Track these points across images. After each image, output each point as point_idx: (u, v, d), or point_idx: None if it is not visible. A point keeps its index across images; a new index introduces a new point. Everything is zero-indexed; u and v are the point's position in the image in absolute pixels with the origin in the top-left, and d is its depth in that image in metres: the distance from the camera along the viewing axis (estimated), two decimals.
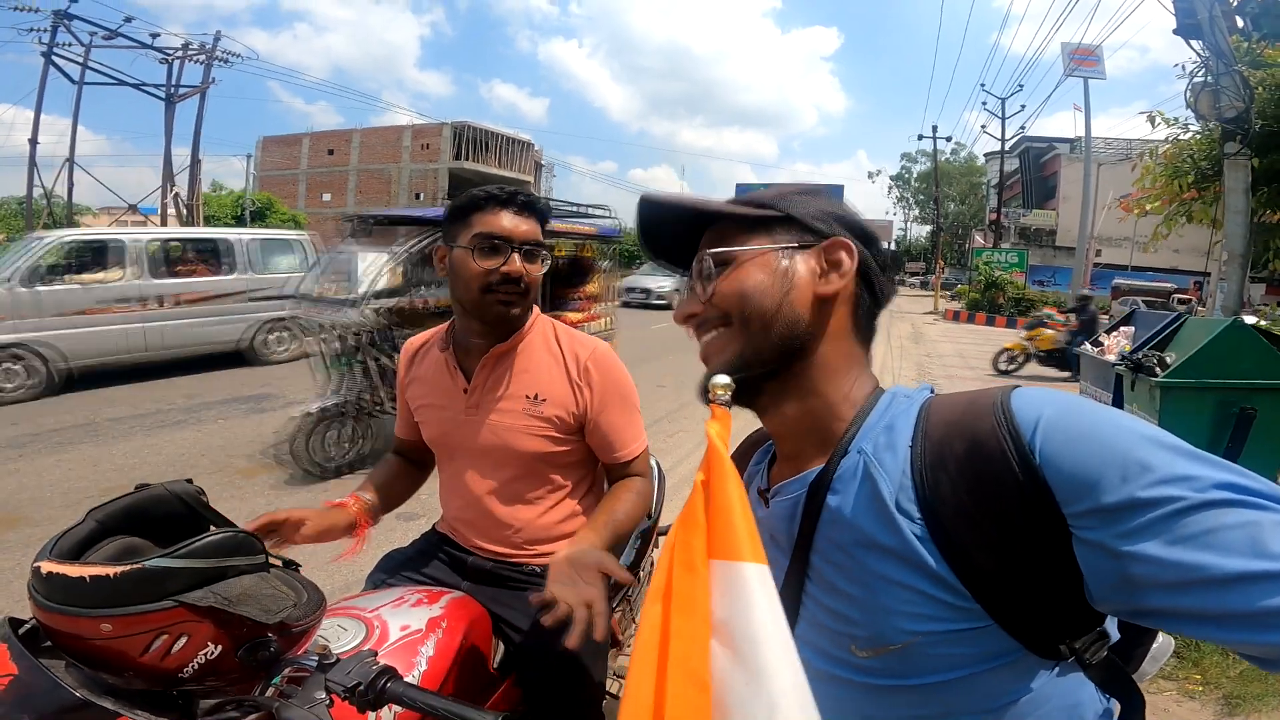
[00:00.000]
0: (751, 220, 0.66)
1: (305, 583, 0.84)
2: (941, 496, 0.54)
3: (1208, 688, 2.28)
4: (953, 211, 50.75)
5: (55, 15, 14.44)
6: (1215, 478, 0.45)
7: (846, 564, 0.59)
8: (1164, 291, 21.38)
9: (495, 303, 1.18)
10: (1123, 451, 0.47)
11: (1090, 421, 0.49)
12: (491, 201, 1.18)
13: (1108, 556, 0.46)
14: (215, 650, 0.70)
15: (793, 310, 0.63)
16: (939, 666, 0.55)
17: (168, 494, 0.81)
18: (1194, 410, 3.07)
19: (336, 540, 1.20)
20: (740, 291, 0.63)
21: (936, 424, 0.57)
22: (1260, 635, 0.42)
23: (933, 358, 11.50)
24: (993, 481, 0.51)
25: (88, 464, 4.38)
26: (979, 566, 0.52)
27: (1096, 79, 19.57)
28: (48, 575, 0.66)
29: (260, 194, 21.32)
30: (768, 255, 0.64)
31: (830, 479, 0.61)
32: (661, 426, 5.68)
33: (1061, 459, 0.48)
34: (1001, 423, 0.52)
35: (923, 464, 0.56)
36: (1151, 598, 0.45)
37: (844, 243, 0.64)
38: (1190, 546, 0.43)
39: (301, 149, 38.93)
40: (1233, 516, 0.43)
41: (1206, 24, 4.42)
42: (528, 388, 1.24)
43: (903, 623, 0.55)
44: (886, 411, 0.62)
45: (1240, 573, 0.42)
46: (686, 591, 0.49)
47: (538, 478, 1.28)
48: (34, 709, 0.62)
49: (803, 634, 0.63)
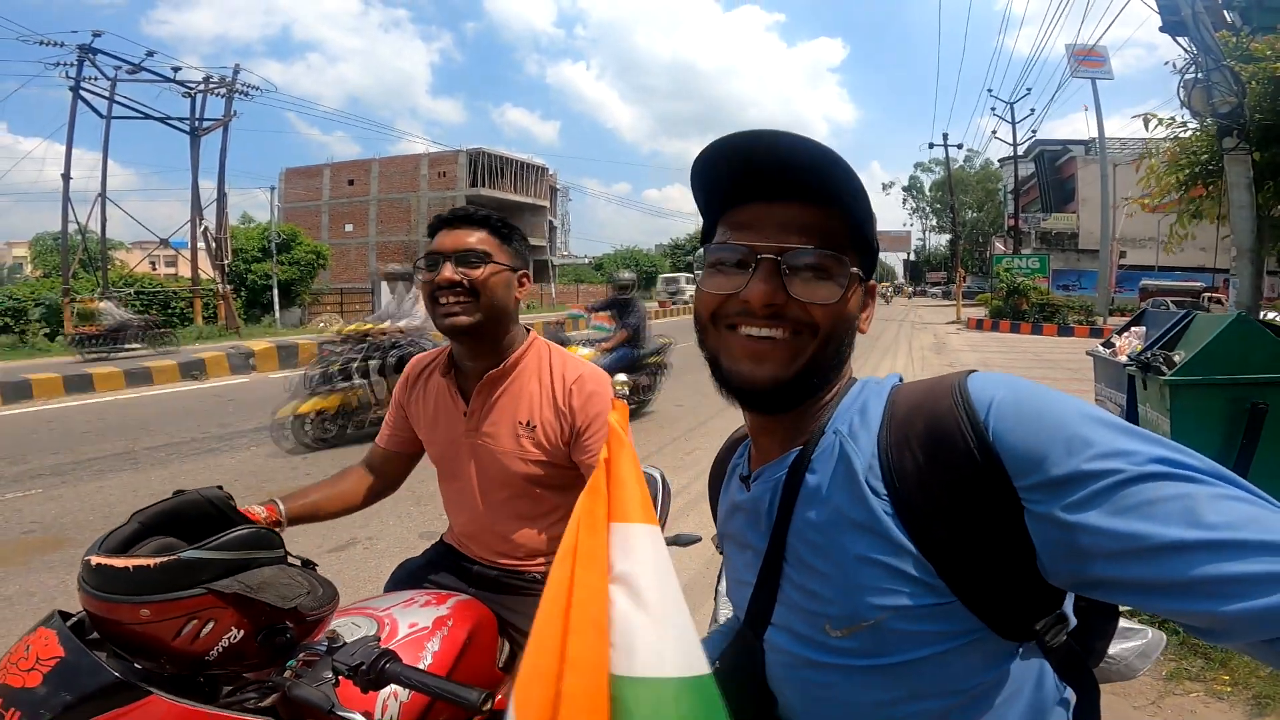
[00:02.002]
0: (854, 230, 0.63)
1: (320, 579, 0.93)
2: (905, 473, 0.57)
3: (1236, 688, 2.25)
4: (970, 219, 50.24)
5: (80, 49, 14.76)
6: (1151, 452, 0.47)
7: (821, 542, 0.61)
8: (1194, 291, 20.84)
9: (441, 314, 1.24)
10: (1067, 428, 0.50)
11: (1039, 402, 0.53)
12: (438, 223, 1.29)
13: (1055, 527, 0.49)
14: (238, 635, 0.79)
15: (850, 339, 0.66)
16: (907, 645, 0.57)
17: (200, 498, 0.92)
18: (1205, 408, 3.04)
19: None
20: (844, 319, 0.64)
21: (901, 406, 0.61)
22: (1196, 603, 0.44)
23: (955, 367, 11.31)
24: (951, 457, 0.54)
25: (127, 490, 4.57)
26: (940, 540, 0.55)
27: (1104, 79, 19.39)
28: (97, 567, 0.75)
29: (285, 226, 21.82)
30: (856, 282, 0.64)
31: (809, 459, 0.63)
32: (678, 444, 5.73)
33: (1013, 436, 0.52)
34: (959, 403, 0.55)
35: (889, 443, 0.59)
36: (1097, 567, 0.48)
37: (875, 287, 0.69)
38: (1130, 516, 0.46)
39: (323, 180, 39.88)
40: (1169, 489, 0.45)
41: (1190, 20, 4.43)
42: (519, 414, 1.30)
43: (873, 598, 0.57)
44: (859, 396, 0.65)
45: (1176, 541, 0.44)
46: (589, 549, 0.57)
47: (533, 498, 1.33)
48: (76, 688, 0.72)
49: (779, 618, 0.66)
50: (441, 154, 37.53)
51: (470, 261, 1.24)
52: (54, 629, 0.77)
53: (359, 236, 38.32)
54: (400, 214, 37.64)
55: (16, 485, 4.64)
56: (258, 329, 17.17)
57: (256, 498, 1.19)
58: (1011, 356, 13.09)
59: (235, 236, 18.67)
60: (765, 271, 0.61)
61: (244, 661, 0.83)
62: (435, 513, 4.04)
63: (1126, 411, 3.66)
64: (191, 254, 16.83)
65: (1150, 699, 2.24)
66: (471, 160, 36.56)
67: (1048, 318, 19.46)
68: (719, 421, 6.37)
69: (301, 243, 20.95)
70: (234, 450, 5.64)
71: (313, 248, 21.52)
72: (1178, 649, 2.45)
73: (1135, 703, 2.22)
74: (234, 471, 5.02)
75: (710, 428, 6.23)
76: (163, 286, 18.27)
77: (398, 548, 3.57)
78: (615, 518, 0.59)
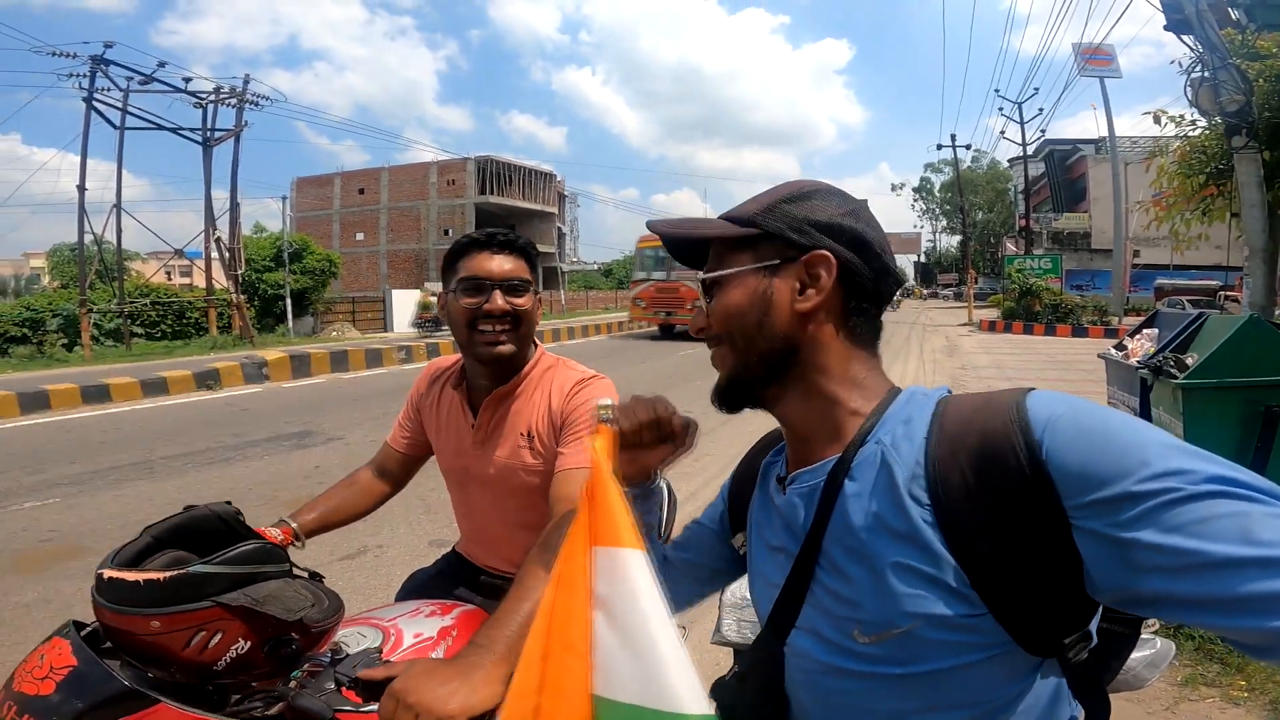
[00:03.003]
0: (738, 239, 0.69)
1: (326, 591, 0.95)
2: (951, 485, 0.57)
3: (1253, 694, 2.23)
4: (981, 220, 49.96)
5: (93, 61, 14.84)
6: (1208, 471, 0.47)
7: (857, 548, 0.61)
8: (1210, 290, 20.60)
9: (483, 342, 1.25)
10: (1122, 448, 0.50)
11: (1095, 422, 0.53)
12: (472, 245, 1.28)
13: (1107, 544, 0.49)
14: (245, 646, 0.81)
15: (772, 329, 0.66)
16: (934, 654, 0.58)
17: (210, 513, 0.94)
18: (1218, 411, 3.00)
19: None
20: (725, 314, 0.69)
21: (952, 418, 0.60)
22: (1248, 620, 0.44)
23: (968, 370, 11.25)
24: (1000, 473, 0.54)
25: (144, 499, 4.63)
26: (979, 553, 0.55)
27: (1112, 78, 19.22)
28: (109, 580, 0.78)
29: (296, 235, 22.03)
30: (748, 276, 0.68)
31: (849, 467, 0.64)
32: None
33: (1066, 455, 0.52)
34: (1014, 420, 0.55)
35: (936, 454, 0.59)
36: (1148, 583, 0.48)
37: (822, 256, 0.65)
38: (1183, 534, 0.46)
39: (334, 189, 40.27)
40: (1224, 507, 0.45)
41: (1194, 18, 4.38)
42: (523, 426, 1.31)
43: (907, 605, 0.57)
44: (906, 407, 0.65)
45: (1229, 558, 0.44)
46: (569, 574, 0.59)
47: (537, 508, 1.33)
48: (88, 696, 0.74)
49: (806, 620, 0.66)
50: (450, 162, 37.83)
51: (518, 290, 1.27)
52: (68, 639, 0.79)
53: (370, 245, 38.67)
54: (410, 222, 37.95)
55: (35, 494, 4.71)
56: (271, 338, 17.33)
57: (270, 507, 1.22)
58: (1025, 358, 12.97)
59: (247, 246, 18.82)
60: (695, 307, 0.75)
61: (251, 671, 0.85)
62: (445, 520, 4.07)
63: (1139, 414, 3.63)
64: (205, 264, 16.95)
65: (1165, 705, 2.22)
66: (480, 168, 36.80)
67: (1061, 319, 19.27)
68: (728, 429, 6.35)
69: (313, 252, 21.13)
70: (248, 460, 5.70)
71: (324, 256, 21.70)
72: (1193, 654, 2.43)
73: (1150, 709, 2.20)
74: (248, 481, 5.07)
75: (720, 435, 6.21)
76: (178, 296, 18.50)
77: (408, 555, 3.60)
78: (598, 541, 0.60)
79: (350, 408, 8.08)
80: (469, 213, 35.89)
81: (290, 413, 7.79)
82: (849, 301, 0.67)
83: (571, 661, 0.55)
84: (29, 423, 7.42)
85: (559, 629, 0.56)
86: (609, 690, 0.53)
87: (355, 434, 6.59)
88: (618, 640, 0.54)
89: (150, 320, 16.75)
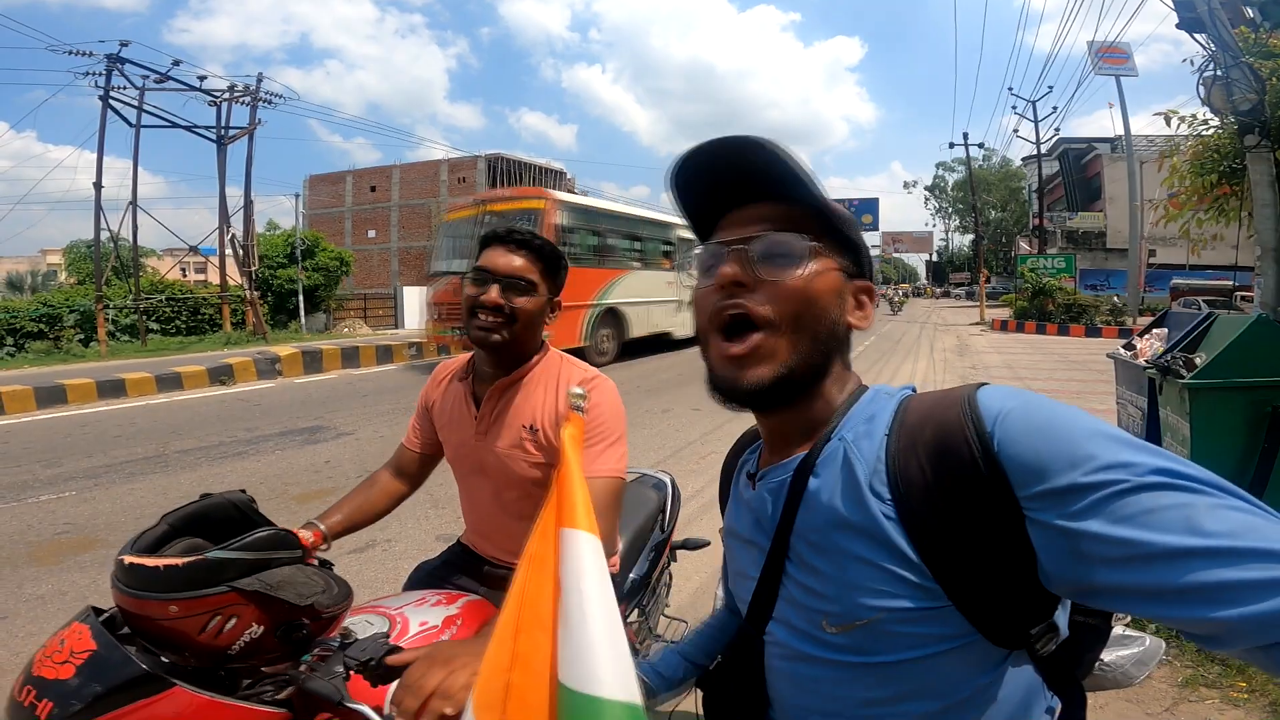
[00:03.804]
0: (822, 222, 0.67)
1: (336, 578, 0.99)
2: (910, 478, 0.58)
3: (1253, 695, 2.22)
4: (994, 219, 49.52)
5: (109, 59, 14.96)
6: (1152, 464, 0.48)
7: (821, 543, 0.63)
8: (1226, 290, 20.32)
9: (476, 328, 1.31)
10: (1071, 441, 0.51)
11: (1045, 416, 0.54)
12: (490, 239, 1.35)
13: (1057, 535, 0.50)
14: (258, 630, 0.85)
15: (838, 334, 0.68)
16: (900, 645, 0.59)
17: (225, 501, 0.98)
18: (1225, 412, 2.99)
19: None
20: (803, 298, 0.65)
21: (912, 415, 0.62)
22: (1194, 610, 0.45)
23: (979, 369, 11.15)
24: (955, 465, 0.56)
25: (157, 492, 4.70)
26: (939, 546, 0.56)
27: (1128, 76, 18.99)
28: (129, 566, 0.81)
29: (308, 232, 22.18)
30: (834, 271, 0.67)
31: (813, 463, 0.66)
32: (694, 449, 5.75)
33: (1017, 447, 0.53)
34: (967, 413, 0.57)
35: (896, 449, 0.61)
36: (1097, 574, 0.49)
37: (872, 288, 0.70)
38: (1130, 525, 0.47)
39: (345, 186, 40.39)
40: (1169, 498, 0.47)
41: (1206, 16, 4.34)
42: (525, 418, 1.35)
43: (869, 599, 0.59)
44: (869, 405, 0.67)
45: (1174, 548, 0.45)
46: (540, 553, 0.63)
47: (539, 500, 1.38)
48: (107, 680, 0.77)
49: (780, 612, 0.68)
50: (460, 160, 37.86)
51: (518, 288, 1.31)
52: (87, 624, 0.82)
53: (381, 242, 38.82)
54: (421, 220, 38.04)
55: (51, 487, 4.80)
56: (284, 334, 17.46)
57: (282, 500, 1.26)
58: (1036, 358, 12.87)
59: (261, 243, 18.96)
60: (733, 257, 0.66)
61: (263, 655, 0.88)
62: (452, 516, 4.12)
63: (1147, 414, 3.61)
64: (220, 261, 17.12)
65: (1164, 705, 2.22)
66: (490, 166, 36.83)
67: (1074, 318, 19.09)
68: (735, 426, 6.28)
69: (325, 249, 21.27)
70: (260, 454, 5.77)
71: (336, 253, 21.84)
72: (1194, 655, 2.42)
73: (1149, 709, 2.20)
74: (260, 475, 5.14)
75: (726, 432, 6.23)
76: (192, 293, 18.69)
77: (415, 549, 3.64)
78: (563, 523, 0.62)
79: (361, 403, 8.16)
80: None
81: (302, 408, 7.88)
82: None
83: (542, 638, 0.57)
84: (45, 417, 7.53)
85: (529, 606, 0.59)
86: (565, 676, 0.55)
87: (366, 429, 6.66)
88: (572, 622, 0.56)
89: (165, 316, 16.93)
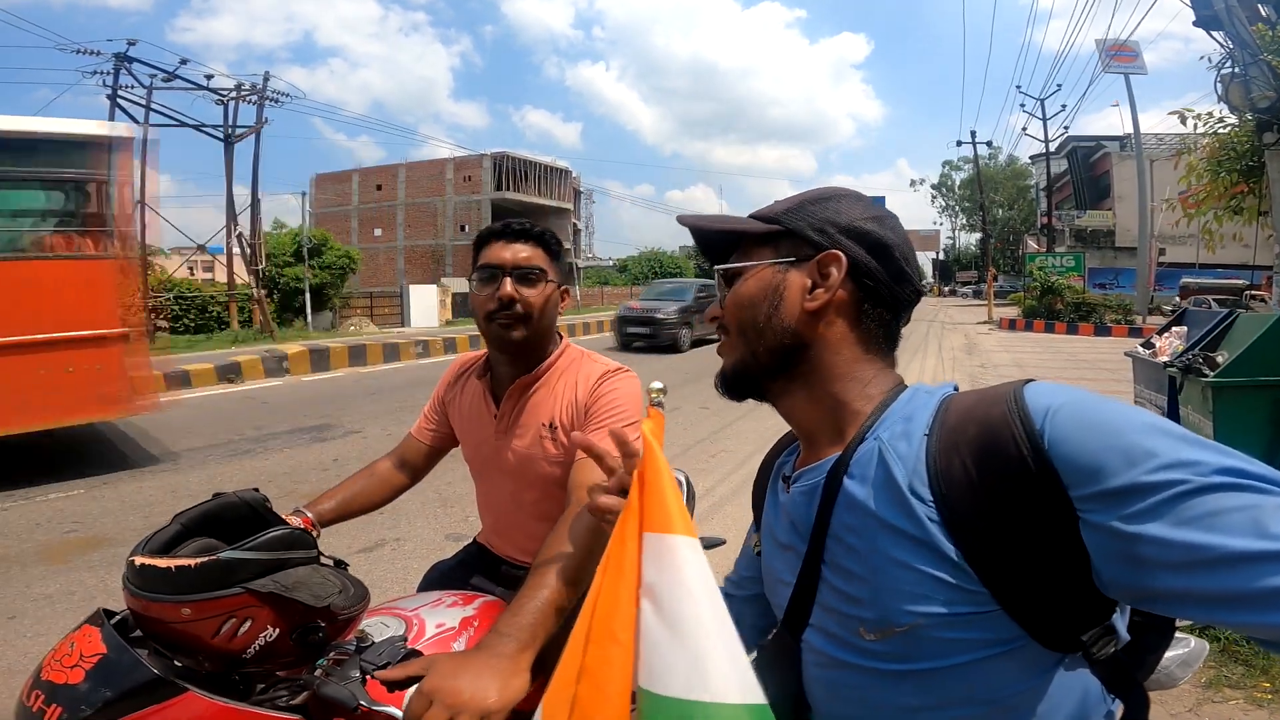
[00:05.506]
0: (761, 235, 0.71)
1: (352, 579, 0.96)
2: (953, 479, 0.56)
3: (1278, 695, 2.19)
4: (1001, 217, 49.28)
5: (117, 58, 14.99)
6: (1217, 463, 0.45)
7: (858, 546, 0.61)
8: (1236, 289, 20.17)
9: (496, 327, 1.27)
10: (1128, 438, 0.48)
11: (1098, 412, 0.51)
12: (489, 235, 1.31)
13: (1114, 538, 0.47)
14: (274, 633, 0.82)
15: (780, 323, 0.67)
16: (943, 651, 0.56)
17: (238, 500, 0.95)
18: (1248, 409, 2.94)
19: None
20: (737, 304, 0.71)
21: (954, 413, 0.59)
22: (1264, 616, 0.42)
23: (987, 368, 11.10)
24: (1001, 463, 0.53)
25: (166, 490, 4.70)
26: (986, 548, 0.53)
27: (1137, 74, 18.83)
28: (141, 567, 0.78)
29: (315, 230, 22.23)
30: (764, 271, 0.69)
31: (848, 464, 0.63)
32: (704, 446, 5.73)
33: (1069, 445, 0.50)
34: (1013, 410, 0.54)
35: (937, 449, 0.58)
36: (1158, 579, 0.46)
37: (834, 256, 0.66)
38: (1194, 527, 0.44)
39: (352, 185, 40.56)
40: (1235, 499, 0.44)
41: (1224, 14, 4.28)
42: (545, 416, 1.32)
43: (909, 604, 0.57)
44: (908, 404, 0.64)
45: (1243, 552, 0.42)
46: (618, 560, 0.58)
47: (558, 499, 1.33)
48: (117, 685, 0.74)
49: (816, 619, 0.66)
50: (466, 158, 37.94)
51: (529, 279, 1.28)
52: (98, 626, 0.80)
53: (387, 241, 38.95)
54: (427, 218, 38.15)
55: (59, 486, 4.78)
56: (290, 332, 17.48)
57: (289, 499, 1.23)
58: (1046, 357, 12.79)
59: (268, 241, 19.01)
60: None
61: (278, 659, 0.85)
62: (461, 515, 4.10)
63: (1167, 413, 3.56)
64: (227, 259, 17.17)
65: (1188, 706, 2.19)
66: (495, 164, 36.90)
67: (1083, 317, 18.96)
68: (745, 423, 6.34)
69: (332, 247, 21.31)
70: (268, 452, 5.77)
71: (343, 252, 21.88)
72: (1218, 656, 2.39)
73: (1173, 709, 2.16)
74: (269, 473, 5.14)
75: (736, 429, 6.20)
76: (200, 291, 18.76)
77: (425, 549, 3.62)
78: (648, 528, 0.58)
79: (368, 401, 8.16)
80: (485, 209, 35.98)
81: (309, 406, 7.87)
82: (863, 304, 0.68)
83: (613, 651, 0.54)
84: None
85: (602, 617, 0.55)
86: (652, 683, 0.51)
87: (373, 427, 6.65)
88: (666, 630, 0.52)
89: (173, 314, 17.00)
